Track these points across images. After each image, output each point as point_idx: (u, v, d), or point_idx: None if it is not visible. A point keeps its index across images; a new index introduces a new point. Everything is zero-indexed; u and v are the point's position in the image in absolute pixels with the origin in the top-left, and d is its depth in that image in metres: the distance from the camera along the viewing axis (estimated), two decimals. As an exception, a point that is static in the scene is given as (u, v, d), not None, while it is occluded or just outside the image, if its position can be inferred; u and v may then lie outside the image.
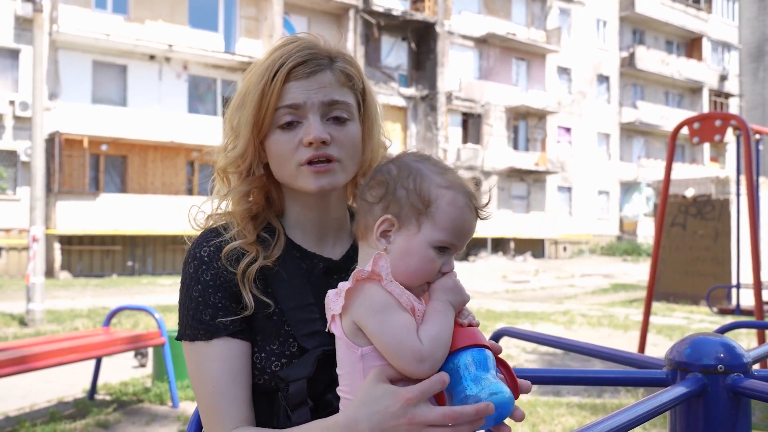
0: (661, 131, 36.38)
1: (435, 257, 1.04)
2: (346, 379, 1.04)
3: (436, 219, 1.05)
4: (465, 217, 1.07)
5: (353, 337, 1.01)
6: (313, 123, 1.17)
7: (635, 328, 9.48)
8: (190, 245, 1.24)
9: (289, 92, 1.17)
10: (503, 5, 31.06)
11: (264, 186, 1.27)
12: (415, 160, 1.11)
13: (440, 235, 1.05)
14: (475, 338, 1.00)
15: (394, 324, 0.97)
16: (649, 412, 1.03)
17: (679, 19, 38.18)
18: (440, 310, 1.01)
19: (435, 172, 1.09)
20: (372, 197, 1.09)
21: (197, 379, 1.17)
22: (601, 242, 33.95)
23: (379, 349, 0.99)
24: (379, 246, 1.06)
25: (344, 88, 1.21)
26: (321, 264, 1.26)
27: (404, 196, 1.06)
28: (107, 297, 13.84)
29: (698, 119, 5.80)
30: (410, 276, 1.04)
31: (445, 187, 1.07)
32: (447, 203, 1.06)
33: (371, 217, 1.08)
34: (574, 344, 1.75)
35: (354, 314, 1.00)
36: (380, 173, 1.11)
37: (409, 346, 0.96)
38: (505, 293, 15.83)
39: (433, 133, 27.64)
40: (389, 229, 1.06)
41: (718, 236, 12.79)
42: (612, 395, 5.84)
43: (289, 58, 1.17)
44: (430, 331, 0.97)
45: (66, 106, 19.54)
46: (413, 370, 0.96)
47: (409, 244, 1.05)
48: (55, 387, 5.95)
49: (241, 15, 23.31)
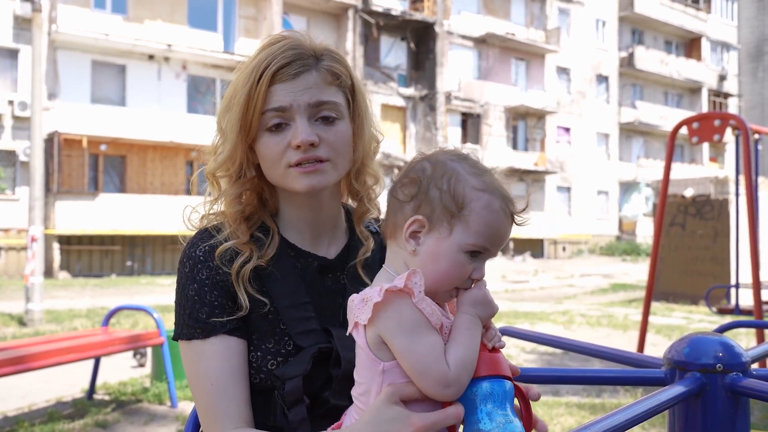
0: (660, 131, 36.40)
1: (465, 262, 1.00)
2: (363, 388, 1.01)
3: (470, 222, 1.00)
4: (500, 222, 1.02)
5: (376, 350, 0.98)
6: (300, 125, 1.16)
7: (634, 328, 9.48)
8: (185, 245, 1.24)
9: (275, 95, 1.16)
10: (502, 5, 31.07)
11: (256, 187, 1.26)
12: (451, 159, 1.05)
13: (473, 240, 1.00)
14: (498, 368, 0.97)
15: (422, 346, 0.94)
16: (647, 411, 1.03)
17: (679, 19, 38.21)
18: (468, 328, 0.97)
19: (471, 173, 1.03)
20: (403, 195, 1.04)
21: (195, 379, 1.17)
22: (600, 242, 33.97)
23: (404, 369, 0.95)
24: (407, 247, 1.02)
25: (331, 86, 1.20)
26: (315, 263, 1.26)
27: (437, 197, 1.01)
28: (106, 297, 13.82)
29: (697, 119, 5.80)
30: (439, 280, 1.00)
31: (480, 189, 1.02)
32: (482, 207, 1.00)
33: (401, 216, 1.03)
34: (573, 344, 1.75)
35: (381, 328, 0.97)
36: (414, 171, 1.05)
37: (436, 371, 0.93)
38: (505, 293, 15.82)
39: (432, 133, 27.64)
40: (419, 230, 1.02)
41: (717, 236, 12.79)
42: (611, 395, 5.83)
43: (273, 60, 1.16)
44: (457, 354, 0.94)
45: (65, 105, 19.52)
46: (438, 394, 0.94)
47: (440, 247, 1.00)
48: (53, 387, 5.94)
49: (240, 15, 23.30)
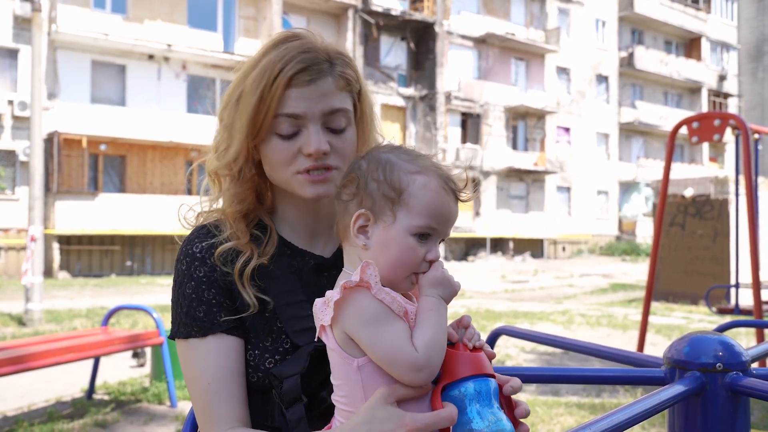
0: (660, 131, 36.40)
1: (416, 245, 1.01)
2: (343, 389, 1.01)
3: (411, 205, 1.02)
4: (440, 199, 1.03)
5: (347, 348, 0.98)
6: (313, 134, 1.15)
7: (634, 328, 9.48)
8: (183, 242, 1.23)
9: (290, 100, 1.15)
10: (502, 5, 31.06)
11: (255, 185, 1.25)
12: (384, 152, 1.08)
13: (417, 221, 1.01)
14: (481, 367, 0.98)
15: (387, 334, 0.95)
16: (647, 410, 1.03)
17: (678, 19, 38.21)
18: (432, 309, 0.98)
19: (405, 159, 1.06)
20: (346, 195, 1.07)
21: (192, 378, 1.16)
22: (600, 242, 33.97)
23: (374, 360, 0.96)
24: (358, 243, 1.04)
25: (343, 92, 1.19)
26: (312, 261, 1.25)
27: (375, 188, 1.03)
28: (106, 297, 13.82)
29: (697, 119, 5.79)
30: (393, 268, 1.01)
31: (415, 172, 1.04)
32: (419, 188, 1.02)
33: (348, 216, 1.06)
34: (573, 343, 1.74)
35: (345, 325, 0.97)
36: (351, 170, 1.08)
37: (405, 357, 0.93)
38: (504, 293, 15.81)
39: (432, 133, 27.63)
40: (366, 224, 1.04)
41: (717, 236, 12.79)
42: (611, 395, 5.83)
43: (289, 62, 1.14)
44: (424, 337, 0.95)
45: (65, 105, 19.52)
46: (411, 379, 0.94)
47: (387, 235, 1.02)
48: (53, 387, 5.94)
49: (240, 15, 23.29)
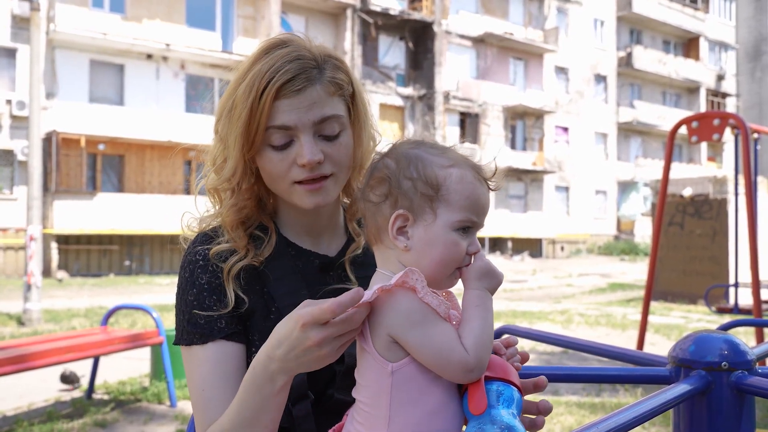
0: (658, 131, 36.44)
1: (458, 240, 0.99)
2: (369, 390, 0.97)
3: (450, 200, 0.99)
4: (478, 191, 1.02)
5: (385, 351, 0.95)
6: (305, 145, 1.14)
7: (633, 328, 9.48)
8: (185, 251, 1.24)
9: (279, 111, 1.13)
10: (501, 5, 31.08)
11: (255, 193, 1.25)
12: (410, 148, 1.05)
13: (459, 215, 0.99)
14: (509, 374, 0.96)
15: (438, 336, 0.93)
16: (653, 409, 1.02)
17: (677, 19, 38.25)
18: (478, 305, 0.97)
19: (434, 153, 1.03)
20: (377, 197, 1.02)
21: (191, 383, 1.17)
22: (598, 242, 33.99)
23: (423, 363, 0.94)
24: (398, 245, 1.00)
25: (334, 97, 1.17)
26: (317, 261, 1.25)
27: (411, 187, 1.00)
28: (105, 296, 13.80)
29: (697, 118, 5.80)
30: (439, 266, 0.99)
31: (449, 166, 1.01)
32: (456, 181, 1.00)
33: (381, 218, 1.01)
34: (575, 342, 1.74)
35: (389, 327, 0.94)
36: (378, 170, 1.04)
37: (457, 359, 0.92)
38: (503, 293, 15.81)
39: (431, 133, 27.63)
40: (404, 225, 1.00)
41: (715, 235, 12.80)
42: (611, 394, 5.83)
43: (277, 73, 1.12)
44: (473, 334, 0.94)
45: (63, 105, 19.50)
46: (463, 379, 0.94)
47: (429, 233, 0.99)
48: (52, 386, 5.94)
49: (239, 14, 23.27)
